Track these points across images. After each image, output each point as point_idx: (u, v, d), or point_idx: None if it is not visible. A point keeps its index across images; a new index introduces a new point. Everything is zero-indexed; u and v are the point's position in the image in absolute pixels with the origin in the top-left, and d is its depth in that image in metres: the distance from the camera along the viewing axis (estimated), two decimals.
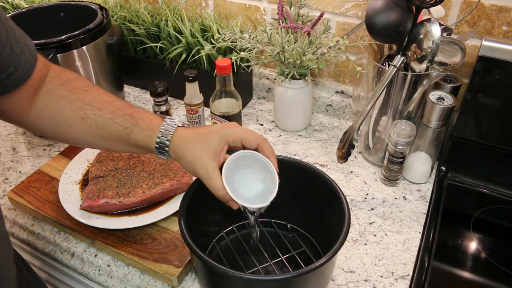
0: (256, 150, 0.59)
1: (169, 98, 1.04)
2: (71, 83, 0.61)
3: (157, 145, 0.58)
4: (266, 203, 0.57)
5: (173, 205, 0.77)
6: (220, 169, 0.57)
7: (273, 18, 1.01)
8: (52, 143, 1.00)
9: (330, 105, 1.06)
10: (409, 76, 0.77)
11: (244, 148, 0.59)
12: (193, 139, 0.57)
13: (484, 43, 0.77)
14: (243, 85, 1.09)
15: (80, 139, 0.62)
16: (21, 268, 0.67)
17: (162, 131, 0.58)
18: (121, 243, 0.72)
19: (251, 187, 0.59)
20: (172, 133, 0.58)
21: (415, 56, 0.73)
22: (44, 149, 0.99)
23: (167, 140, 0.57)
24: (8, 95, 0.57)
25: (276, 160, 0.58)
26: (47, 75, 0.61)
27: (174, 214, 0.76)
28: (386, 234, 0.76)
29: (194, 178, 0.72)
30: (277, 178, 0.57)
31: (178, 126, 0.59)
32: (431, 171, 0.87)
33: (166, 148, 0.58)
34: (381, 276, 0.69)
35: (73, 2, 1.07)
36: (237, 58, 0.92)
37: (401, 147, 0.80)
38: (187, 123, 0.59)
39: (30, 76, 0.57)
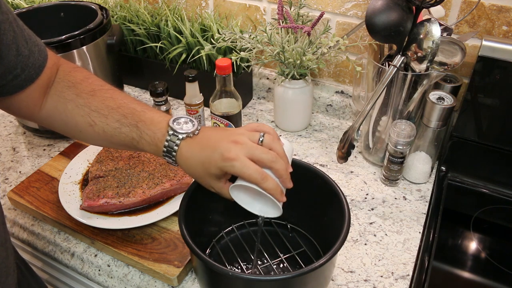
0: None
1: (169, 98, 1.04)
2: (78, 86, 0.60)
3: (165, 159, 0.58)
4: (268, 215, 0.59)
5: (173, 205, 0.77)
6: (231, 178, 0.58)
7: (273, 18, 1.01)
8: (52, 143, 1.00)
9: (330, 105, 1.06)
10: (409, 76, 0.77)
11: None
12: (195, 164, 0.56)
13: (484, 43, 0.77)
14: (243, 85, 1.09)
15: (91, 142, 0.63)
16: (23, 272, 0.67)
17: (166, 147, 0.56)
18: (121, 243, 0.72)
19: (257, 206, 0.60)
20: (176, 151, 0.56)
21: (415, 56, 0.73)
22: (44, 149, 0.99)
23: (172, 157, 0.56)
24: (17, 95, 0.56)
25: (282, 195, 0.55)
26: (56, 73, 0.61)
27: (174, 214, 0.76)
28: (386, 234, 0.76)
29: None
30: (280, 207, 0.56)
31: (182, 139, 0.56)
32: (431, 171, 0.87)
33: (174, 163, 0.58)
34: (381, 276, 0.69)
35: (73, 2, 1.07)
36: (237, 58, 0.92)
37: (401, 147, 0.80)
38: (191, 130, 0.57)
39: (38, 77, 0.57)
